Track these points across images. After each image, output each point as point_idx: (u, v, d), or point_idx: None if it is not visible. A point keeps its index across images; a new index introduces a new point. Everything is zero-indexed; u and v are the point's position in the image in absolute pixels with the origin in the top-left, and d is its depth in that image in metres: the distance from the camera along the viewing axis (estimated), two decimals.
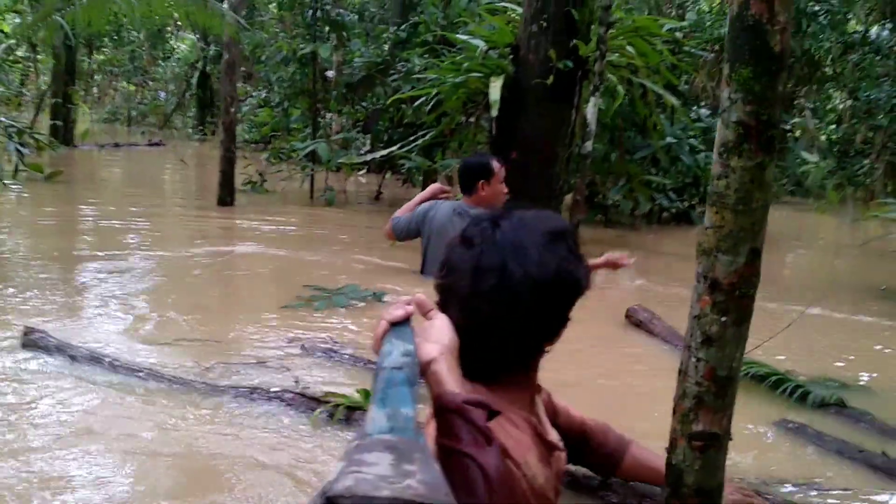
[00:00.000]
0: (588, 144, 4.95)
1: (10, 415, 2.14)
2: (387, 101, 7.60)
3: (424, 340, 1.04)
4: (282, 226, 6.18)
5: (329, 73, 9.30)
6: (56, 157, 10.03)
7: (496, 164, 3.81)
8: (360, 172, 9.63)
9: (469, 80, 5.35)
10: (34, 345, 2.67)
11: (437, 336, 1.05)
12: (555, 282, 1.20)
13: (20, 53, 15.45)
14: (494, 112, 4.83)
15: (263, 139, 11.49)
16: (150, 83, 22.80)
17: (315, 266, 4.67)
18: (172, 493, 1.80)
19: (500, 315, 1.18)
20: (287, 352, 2.86)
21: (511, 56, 5.29)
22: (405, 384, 0.86)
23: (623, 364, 3.08)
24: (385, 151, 7.17)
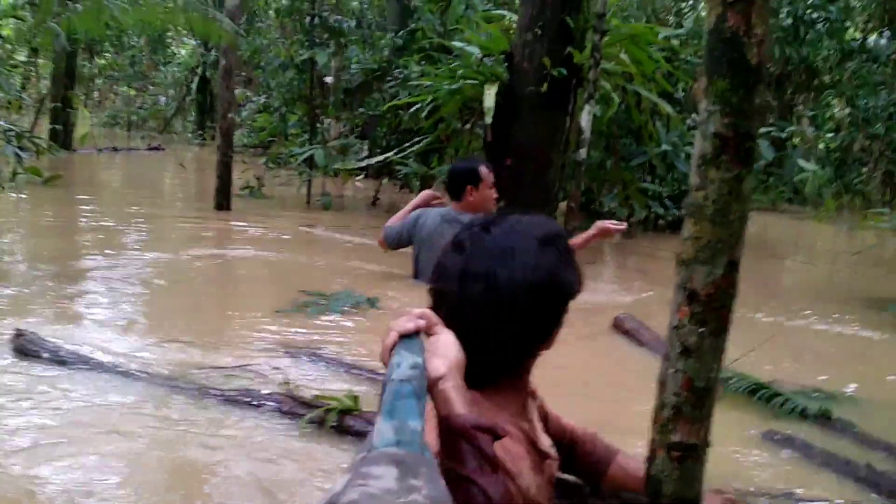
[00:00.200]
0: (582, 152, 4.96)
1: None
2: (383, 108, 7.61)
3: (432, 355, 1.02)
4: (277, 230, 6.19)
5: (328, 79, 9.33)
6: (55, 161, 10.03)
7: (484, 170, 3.79)
8: (358, 178, 9.64)
9: (464, 87, 5.37)
10: (24, 347, 2.67)
11: (445, 351, 1.03)
12: (542, 286, 1.20)
13: (21, 57, 15.48)
14: (488, 119, 4.85)
15: (262, 144, 11.51)
16: (151, 88, 22.84)
17: (309, 270, 4.67)
18: (158, 496, 1.80)
19: (488, 320, 1.18)
20: (278, 356, 2.86)
21: (506, 63, 5.31)
22: (413, 397, 0.85)
23: (609, 373, 3.08)
24: (381, 157, 7.19)
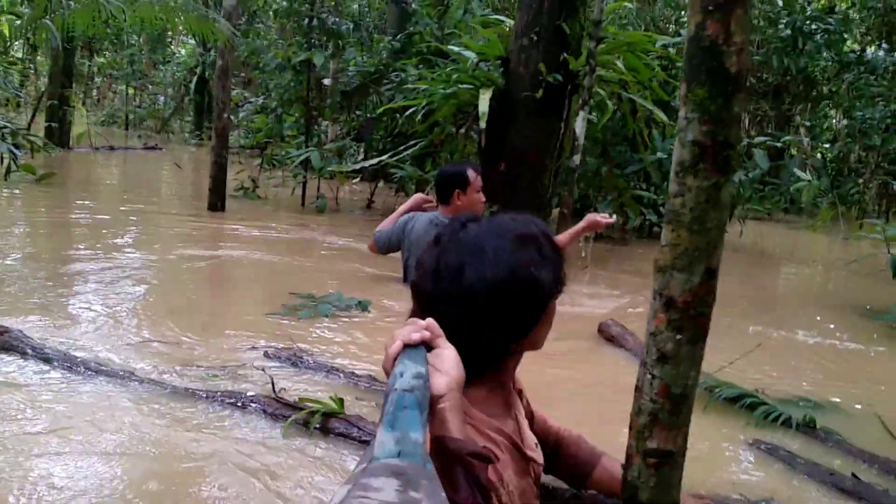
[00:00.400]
0: (576, 158, 4.96)
1: None
2: (379, 111, 7.62)
3: (434, 371, 1.00)
4: (271, 232, 6.18)
5: (326, 81, 9.33)
6: (50, 159, 10.03)
7: (472, 174, 3.77)
8: (355, 181, 9.65)
9: (459, 92, 5.37)
10: (8, 343, 2.66)
11: (447, 368, 1.02)
12: (512, 284, 1.20)
13: (19, 55, 15.49)
14: (482, 123, 4.85)
15: (259, 145, 11.51)
16: (150, 87, 22.84)
17: (302, 272, 4.67)
18: (143, 497, 1.79)
19: (459, 315, 1.18)
20: (266, 358, 2.85)
21: (502, 68, 5.31)
22: (415, 407, 0.83)
23: (593, 378, 3.08)
24: (375, 161, 7.19)
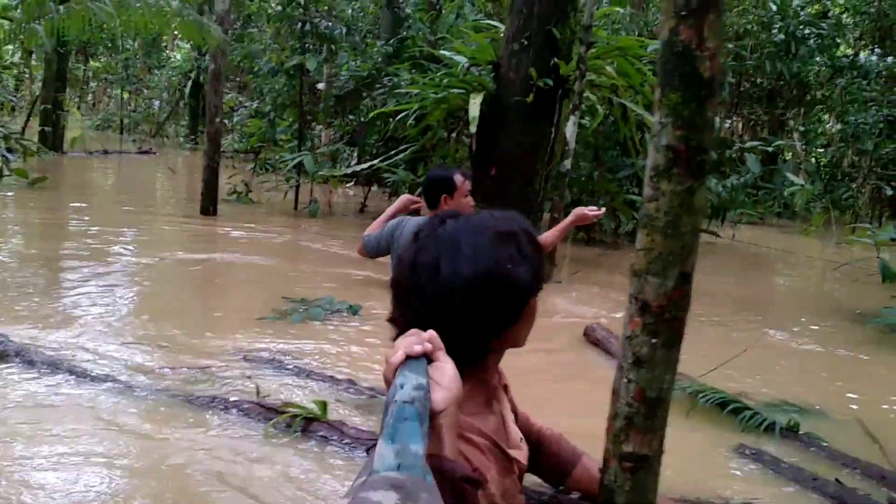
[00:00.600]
0: (567, 162, 4.97)
1: None
2: (371, 115, 7.62)
3: (435, 385, 0.99)
4: (262, 235, 6.18)
5: (319, 86, 9.34)
6: (44, 164, 10.01)
7: (459, 178, 3.75)
8: (348, 185, 9.65)
9: (450, 96, 5.38)
10: None
11: (448, 384, 1.00)
12: (487, 280, 1.19)
13: (14, 59, 15.45)
14: (473, 128, 4.85)
15: (253, 149, 11.51)
16: (145, 91, 22.81)
17: (294, 276, 4.67)
18: (127, 498, 1.79)
19: (435, 311, 1.18)
20: (252, 363, 2.85)
21: (493, 73, 5.32)
22: (415, 419, 0.82)
23: (576, 380, 3.08)
24: (367, 165, 7.20)
